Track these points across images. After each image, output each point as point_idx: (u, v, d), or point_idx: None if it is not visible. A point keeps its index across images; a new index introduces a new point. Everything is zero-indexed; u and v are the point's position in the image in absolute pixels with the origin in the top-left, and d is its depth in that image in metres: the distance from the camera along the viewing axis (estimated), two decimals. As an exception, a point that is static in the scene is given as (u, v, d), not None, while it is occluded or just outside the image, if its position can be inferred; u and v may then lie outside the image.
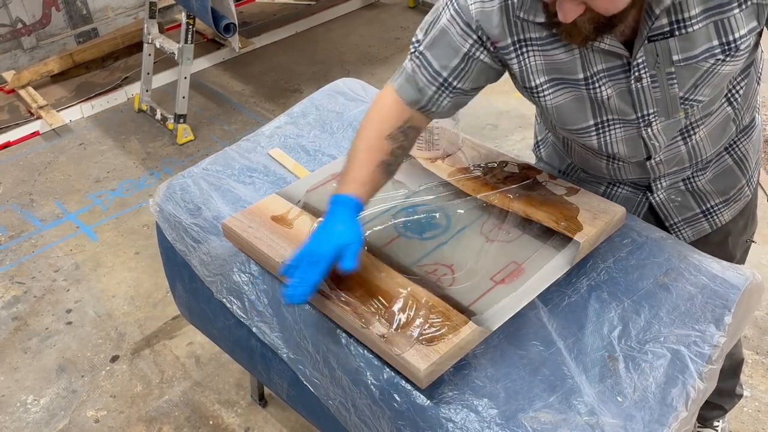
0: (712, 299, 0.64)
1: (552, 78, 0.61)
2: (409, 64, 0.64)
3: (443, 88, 0.63)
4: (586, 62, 0.59)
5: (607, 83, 0.60)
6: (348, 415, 0.64)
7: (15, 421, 1.11)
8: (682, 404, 0.57)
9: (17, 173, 1.70)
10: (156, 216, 0.85)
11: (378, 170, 0.63)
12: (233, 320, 0.77)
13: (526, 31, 0.59)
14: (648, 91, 0.59)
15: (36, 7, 2.09)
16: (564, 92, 0.62)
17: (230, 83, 2.04)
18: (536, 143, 0.83)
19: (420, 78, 0.63)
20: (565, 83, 0.61)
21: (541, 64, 0.60)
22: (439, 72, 0.62)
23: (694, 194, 0.71)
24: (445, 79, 0.62)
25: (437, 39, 0.62)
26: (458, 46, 0.61)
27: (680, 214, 0.72)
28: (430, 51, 0.62)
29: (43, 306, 1.32)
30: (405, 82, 0.65)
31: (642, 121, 0.62)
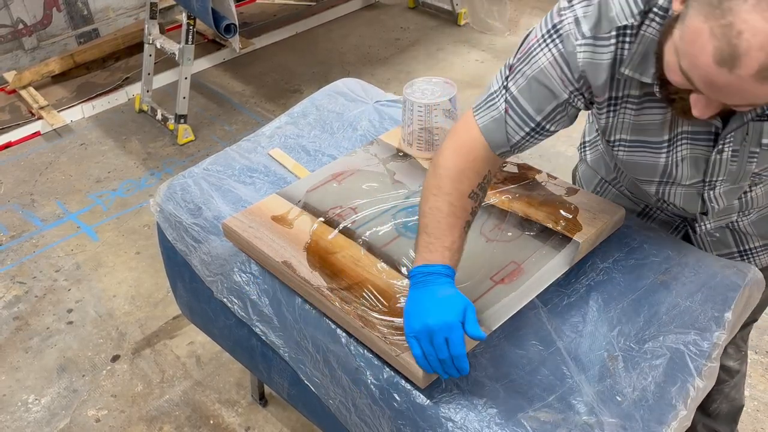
0: (712, 297, 0.64)
1: (634, 139, 0.58)
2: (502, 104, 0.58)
3: (534, 133, 0.58)
4: (674, 124, 0.56)
5: (686, 146, 0.57)
6: (348, 415, 0.65)
7: (16, 420, 1.11)
8: (682, 403, 0.57)
9: (18, 173, 1.71)
10: (157, 216, 0.85)
11: (464, 233, 0.58)
12: (234, 320, 0.77)
13: (625, 88, 0.55)
14: (725, 163, 0.57)
15: (37, 8, 2.09)
16: (641, 153, 0.59)
17: (231, 84, 2.04)
18: (582, 144, 0.77)
19: (510, 122, 0.58)
20: (645, 146, 0.58)
21: (629, 123, 0.57)
22: (533, 117, 0.57)
23: (734, 233, 0.68)
24: (539, 123, 0.57)
25: (533, 81, 0.56)
26: (559, 92, 0.55)
27: (716, 250, 0.70)
28: (522, 94, 0.56)
29: (44, 306, 1.32)
30: (492, 123, 0.58)
31: (707, 185, 0.60)
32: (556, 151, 1.62)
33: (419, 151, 0.83)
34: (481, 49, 2.12)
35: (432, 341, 0.53)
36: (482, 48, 2.13)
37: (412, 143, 0.83)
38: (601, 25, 0.52)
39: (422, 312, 0.54)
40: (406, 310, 0.56)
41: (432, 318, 0.53)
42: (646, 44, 0.51)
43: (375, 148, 0.85)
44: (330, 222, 0.73)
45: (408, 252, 0.68)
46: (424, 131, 0.81)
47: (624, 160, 0.61)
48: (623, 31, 0.51)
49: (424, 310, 0.54)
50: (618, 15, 0.51)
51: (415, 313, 0.55)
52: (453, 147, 0.59)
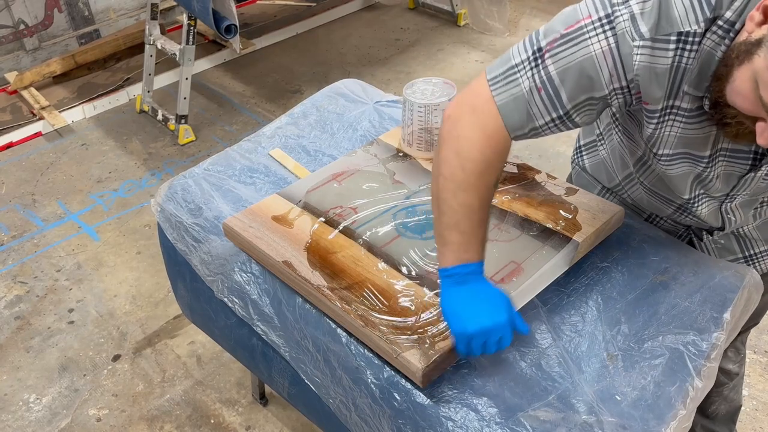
0: (711, 298, 0.64)
1: (679, 152, 0.55)
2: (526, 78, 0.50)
3: (558, 120, 0.52)
4: (717, 139, 0.53)
5: (724, 162, 0.55)
6: (348, 414, 0.65)
7: (17, 419, 1.11)
8: (681, 402, 0.57)
9: (20, 173, 1.71)
10: (157, 216, 0.85)
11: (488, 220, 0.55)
12: (234, 319, 0.77)
13: (678, 99, 0.50)
14: (757, 180, 0.56)
15: (38, 9, 2.10)
16: (682, 165, 0.57)
17: (231, 84, 2.04)
18: (578, 149, 0.72)
19: (534, 103, 0.51)
20: (688, 158, 0.55)
21: (675, 136, 0.53)
22: (564, 104, 0.51)
23: (739, 239, 0.67)
24: (567, 112, 0.51)
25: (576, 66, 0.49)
26: (601, 85, 0.49)
27: (721, 256, 0.69)
28: (561, 76, 0.49)
29: (46, 305, 1.32)
30: (512, 102, 0.52)
31: (728, 198, 0.59)
32: (555, 152, 1.62)
33: (419, 152, 0.83)
34: (481, 50, 2.12)
35: (486, 342, 0.53)
36: (482, 48, 2.13)
37: (412, 143, 0.83)
38: (661, 25, 0.46)
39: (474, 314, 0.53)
40: (451, 311, 0.54)
41: (487, 320, 0.52)
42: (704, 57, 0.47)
43: (375, 148, 0.85)
44: (330, 222, 0.73)
45: (408, 252, 0.68)
46: (424, 132, 0.81)
47: (664, 171, 0.58)
48: (685, 38, 0.46)
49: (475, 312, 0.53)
50: (681, 17, 0.45)
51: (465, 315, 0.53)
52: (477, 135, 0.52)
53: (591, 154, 0.73)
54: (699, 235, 0.69)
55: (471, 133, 0.53)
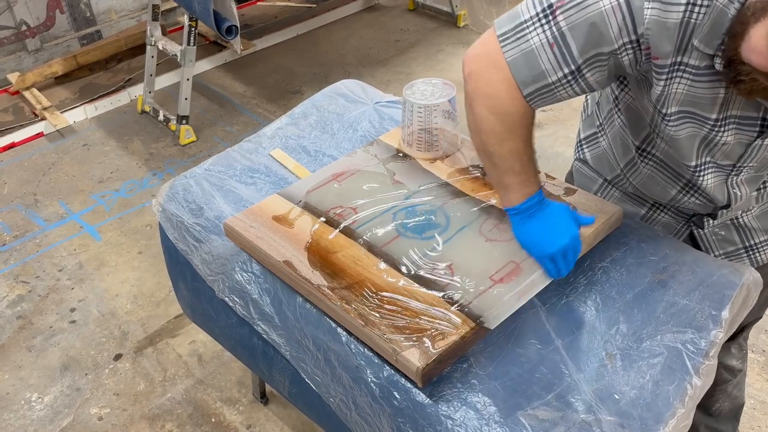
0: (709, 296, 0.64)
1: (684, 110, 0.55)
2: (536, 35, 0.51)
3: (570, 77, 0.52)
4: (725, 104, 0.53)
5: (732, 130, 0.55)
6: (348, 413, 0.65)
7: (20, 418, 1.12)
8: (679, 401, 0.58)
9: (22, 174, 1.71)
10: (159, 216, 0.86)
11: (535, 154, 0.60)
12: (235, 319, 0.78)
13: (687, 55, 0.51)
14: (764, 149, 0.56)
15: (40, 10, 2.10)
16: (688, 127, 0.56)
17: (232, 85, 2.05)
18: (579, 143, 0.73)
19: (546, 59, 0.51)
20: (694, 119, 0.55)
21: (682, 94, 0.53)
22: (576, 59, 0.51)
23: (739, 229, 0.67)
24: (579, 67, 0.52)
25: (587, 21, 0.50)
26: (610, 39, 0.50)
27: (721, 248, 0.69)
28: (573, 31, 0.50)
29: (48, 305, 1.33)
30: (522, 58, 0.52)
31: (735, 170, 0.59)
32: (554, 152, 1.62)
33: (419, 152, 0.83)
34: (482, 50, 2.13)
35: (565, 255, 0.60)
36: (482, 49, 2.14)
37: (411, 144, 0.84)
38: None
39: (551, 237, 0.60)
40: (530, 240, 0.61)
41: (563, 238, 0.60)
42: (715, 14, 0.47)
43: (375, 148, 0.85)
44: (330, 222, 0.73)
45: (408, 251, 0.68)
46: (423, 132, 0.82)
47: (671, 134, 0.57)
48: None
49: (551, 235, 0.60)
50: None
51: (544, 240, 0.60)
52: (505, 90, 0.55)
53: (592, 146, 0.73)
54: (700, 224, 0.68)
55: (499, 89, 0.55)
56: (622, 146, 0.68)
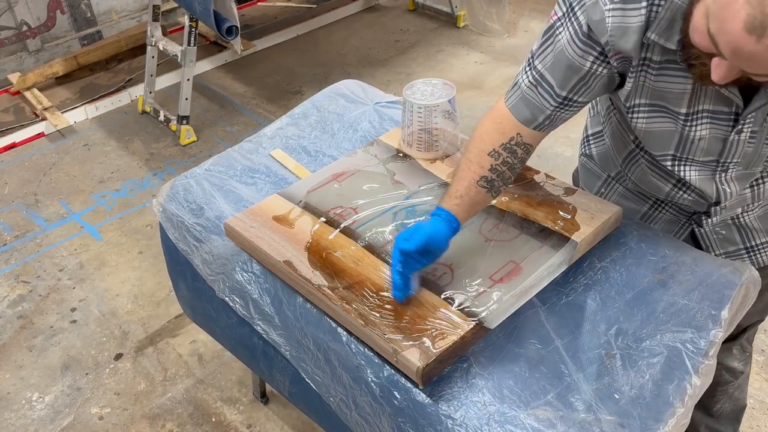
0: (709, 295, 0.65)
1: (654, 104, 0.58)
2: (524, 80, 0.61)
3: (563, 106, 0.61)
4: (694, 98, 0.56)
5: (706, 125, 0.57)
6: (349, 412, 0.65)
7: (20, 418, 1.12)
8: (679, 400, 0.58)
9: (22, 174, 1.72)
10: (159, 216, 0.86)
11: (474, 186, 0.62)
12: (235, 319, 0.78)
13: (649, 51, 0.55)
14: (742, 144, 0.57)
15: (41, 10, 2.11)
16: (659, 120, 0.59)
17: (232, 85, 2.05)
18: (585, 138, 0.77)
19: (536, 98, 0.61)
20: (664, 112, 0.58)
21: (649, 88, 0.57)
22: (559, 93, 0.60)
23: (740, 229, 0.68)
24: (566, 97, 0.60)
25: (555, 58, 0.58)
26: (579, 66, 0.57)
27: (722, 248, 0.70)
28: (548, 70, 0.59)
29: (48, 305, 1.33)
30: (519, 102, 0.62)
31: (720, 167, 0.60)
32: (554, 152, 1.62)
33: (419, 152, 0.83)
34: (480, 51, 2.13)
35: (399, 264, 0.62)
36: (481, 50, 2.13)
37: (411, 144, 0.84)
38: None
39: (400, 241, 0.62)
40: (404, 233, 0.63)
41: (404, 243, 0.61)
42: (674, 9, 0.51)
43: (375, 148, 0.86)
44: (331, 222, 0.73)
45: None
46: (423, 132, 0.82)
47: (643, 129, 0.61)
48: None
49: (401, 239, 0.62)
50: None
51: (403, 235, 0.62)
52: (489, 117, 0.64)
53: (599, 143, 0.76)
54: (699, 222, 0.69)
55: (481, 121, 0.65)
56: (621, 141, 0.70)
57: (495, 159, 0.63)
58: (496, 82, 1.97)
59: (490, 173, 0.63)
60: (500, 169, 0.63)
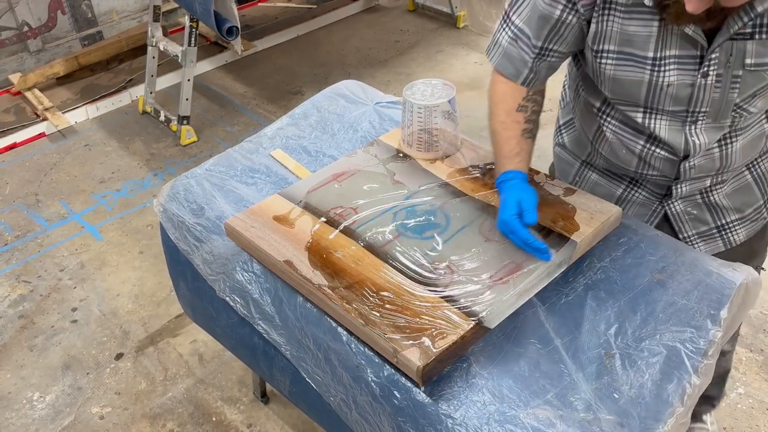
0: (708, 295, 0.65)
1: (621, 51, 0.61)
2: (503, 37, 0.67)
3: (541, 56, 0.65)
4: (660, 42, 0.58)
5: (673, 71, 0.59)
6: (349, 412, 0.65)
7: (21, 417, 1.12)
8: (678, 400, 0.58)
9: (23, 174, 1.72)
10: (160, 216, 0.86)
11: (522, 140, 0.68)
12: (236, 318, 0.78)
13: None
14: (709, 89, 0.59)
15: (42, 11, 2.11)
16: (627, 67, 0.61)
17: (233, 85, 2.05)
18: (558, 129, 0.82)
19: (517, 52, 0.66)
20: (631, 59, 0.61)
21: (616, 33, 0.60)
22: (535, 44, 0.65)
23: (710, 207, 0.71)
24: (542, 47, 0.65)
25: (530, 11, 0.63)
26: (549, 14, 0.62)
27: (695, 228, 0.72)
28: (525, 23, 0.64)
29: (49, 304, 1.33)
30: (502, 59, 0.68)
31: (690, 116, 0.62)
32: (556, 152, 1.62)
33: (419, 152, 0.83)
34: (480, 52, 2.13)
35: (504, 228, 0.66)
36: (481, 50, 2.15)
37: (411, 144, 0.84)
38: None
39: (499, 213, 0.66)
40: None
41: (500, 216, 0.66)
42: None
43: (375, 149, 0.86)
44: (331, 222, 0.74)
45: (408, 251, 0.68)
46: (423, 132, 0.82)
47: (610, 77, 0.64)
48: None
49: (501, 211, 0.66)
50: None
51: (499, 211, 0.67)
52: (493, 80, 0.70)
53: (570, 131, 0.80)
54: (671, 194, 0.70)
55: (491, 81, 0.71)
56: (589, 117, 0.73)
57: (525, 112, 0.69)
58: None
59: (527, 125, 0.69)
60: (532, 118, 0.70)
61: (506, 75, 0.68)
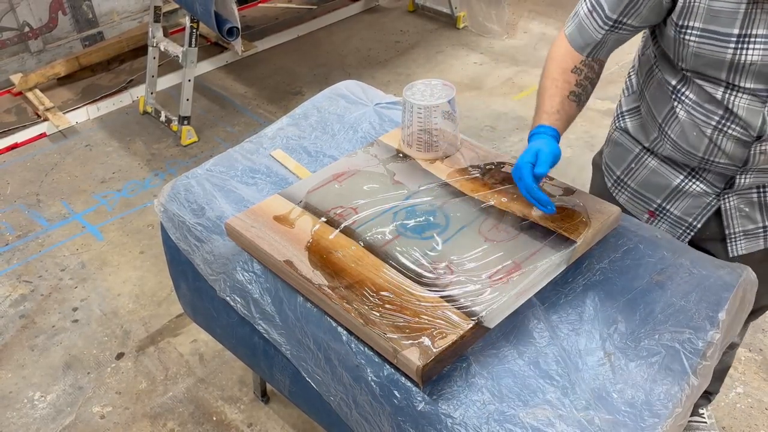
0: (706, 296, 0.65)
1: (705, 28, 0.61)
2: (583, 7, 0.68)
3: (613, 29, 0.66)
4: (747, 20, 0.58)
5: (759, 50, 0.59)
6: (349, 411, 0.66)
7: (22, 417, 1.12)
8: (677, 400, 0.58)
9: (24, 174, 1.72)
10: (160, 216, 0.86)
11: (567, 101, 0.68)
12: (236, 318, 0.78)
13: None
14: None
15: (43, 11, 2.12)
16: (709, 44, 0.61)
17: (233, 86, 2.06)
18: (620, 114, 0.80)
19: (591, 24, 0.67)
20: (714, 36, 0.60)
21: (703, 8, 0.60)
22: (609, 15, 0.65)
23: (761, 207, 0.71)
24: (616, 20, 0.65)
25: None
26: None
27: (742, 225, 0.72)
28: None
29: (50, 304, 1.34)
30: (576, 30, 0.69)
31: None
32: (555, 153, 1.62)
33: (419, 152, 0.84)
34: (480, 52, 2.13)
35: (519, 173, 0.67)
36: (480, 51, 2.14)
37: (411, 144, 0.84)
38: None
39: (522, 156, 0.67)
40: None
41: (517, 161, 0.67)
42: None
43: (375, 149, 0.86)
44: (331, 222, 0.74)
45: (408, 251, 0.69)
46: (423, 132, 0.82)
47: (692, 53, 0.63)
48: None
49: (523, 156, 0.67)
50: None
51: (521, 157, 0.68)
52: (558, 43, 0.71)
53: (634, 116, 0.79)
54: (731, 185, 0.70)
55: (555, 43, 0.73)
56: (661, 99, 0.71)
57: (578, 75, 0.69)
58: (496, 83, 1.97)
59: (576, 88, 0.69)
60: (584, 83, 0.70)
61: (574, 45, 0.69)
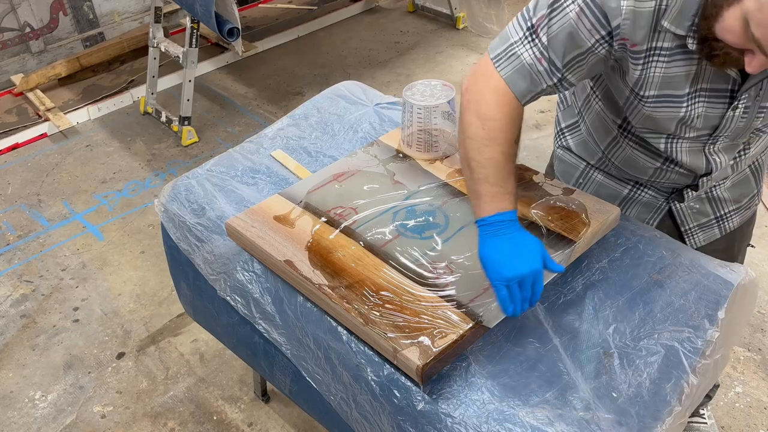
0: (705, 295, 0.65)
1: (661, 94, 0.59)
2: (527, 51, 0.59)
3: (558, 84, 0.60)
4: (696, 78, 0.58)
5: (704, 103, 0.59)
6: (349, 411, 0.66)
7: (23, 416, 1.13)
8: (676, 399, 0.58)
9: (25, 174, 1.73)
10: (161, 216, 0.86)
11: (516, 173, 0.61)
12: (237, 318, 0.78)
13: (659, 40, 0.56)
14: (735, 120, 0.60)
15: (44, 12, 2.12)
16: (664, 108, 0.60)
17: (234, 86, 2.06)
18: (560, 131, 0.78)
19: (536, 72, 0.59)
20: (669, 100, 0.60)
21: (659, 78, 0.58)
22: (560, 68, 0.59)
23: (711, 201, 0.72)
24: (563, 75, 0.59)
25: (561, 30, 0.57)
26: (584, 41, 0.57)
27: (696, 220, 0.74)
28: (551, 44, 0.58)
29: (51, 304, 1.34)
30: (516, 74, 0.60)
31: (710, 139, 0.63)
32: (555, 153, 1.63)
33: (419, 153, 0.84)
34: (479, 53, 2.14)
35: (521, 286, 0.57)
36: (480, 51, 2.14)
37: (411, 145, 0.84)
38: None
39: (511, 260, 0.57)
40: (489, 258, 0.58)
41: (523, 266, 0.57)
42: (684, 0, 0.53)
43: (375, 149, 0.86)
44: (331, 222, 0.74)
45: (408, 251, 0.69)
46: (423, 133, 0.82)
47: (648, 114, 0.62)
48: None
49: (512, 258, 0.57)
50: None
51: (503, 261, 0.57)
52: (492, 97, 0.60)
53: (575, 134, 0.77)
54: (680, 198, 0.71)
55: (487, 97, 0.61)
56: (603, 129, 0.71)
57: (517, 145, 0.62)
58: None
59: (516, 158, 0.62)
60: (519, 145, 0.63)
61: (514, 91, 0.60)
